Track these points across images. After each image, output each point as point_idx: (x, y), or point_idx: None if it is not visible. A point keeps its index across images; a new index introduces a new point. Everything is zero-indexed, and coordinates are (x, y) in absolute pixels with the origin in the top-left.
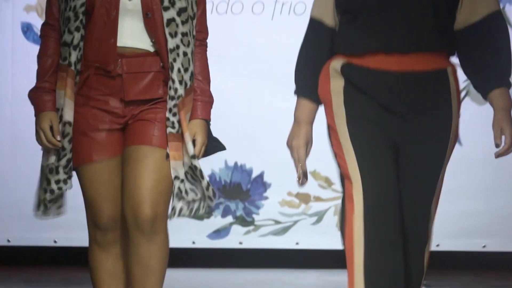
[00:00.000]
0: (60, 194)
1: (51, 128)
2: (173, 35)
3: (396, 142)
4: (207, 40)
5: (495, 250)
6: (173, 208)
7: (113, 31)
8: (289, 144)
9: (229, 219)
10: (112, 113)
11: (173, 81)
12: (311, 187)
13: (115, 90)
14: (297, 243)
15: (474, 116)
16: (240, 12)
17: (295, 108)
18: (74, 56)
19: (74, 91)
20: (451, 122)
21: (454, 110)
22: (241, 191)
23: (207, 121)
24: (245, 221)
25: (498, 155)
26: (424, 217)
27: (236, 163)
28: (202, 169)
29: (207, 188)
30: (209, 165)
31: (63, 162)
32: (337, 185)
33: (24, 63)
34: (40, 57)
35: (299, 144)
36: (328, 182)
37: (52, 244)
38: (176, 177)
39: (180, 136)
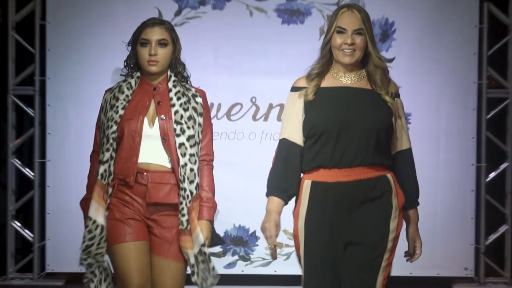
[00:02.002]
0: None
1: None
2: (183, 155)
3: (345, 231)
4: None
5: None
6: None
7: (136, 152)
8: (262, 227)
9: (236, 257)
10: (137, 210)
11: (183, 190)
12: (283, 238)
13: (140, 196)
14: (275, 271)
15: None
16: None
17: (267, 203)
18: (102, 169)
19: (102, 196)
20: (391, 211)
21: (394, 201)
22: (242, 241)
23: (211, 221)
24: (245, 258)
25: (411, 261)
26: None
27: (240, 225)
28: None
29: (213, 269)
30: (224, 226)
31: (83, 246)
32: None
33: None
34: (89, 176)
35: (270, 226)
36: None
37: None
38: (188, 261)
39: (187, 232)
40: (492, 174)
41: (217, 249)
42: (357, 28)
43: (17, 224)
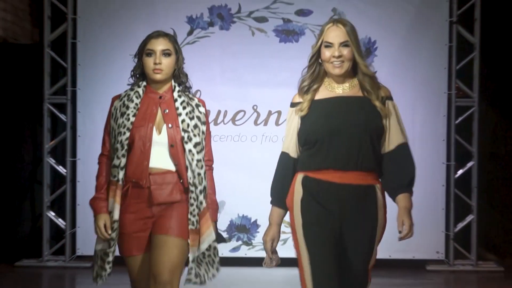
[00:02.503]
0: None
1: (105, 225)
2: (191, 160)
3: (338, 233)
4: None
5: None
6: (188, 280)
7: (147, 157)
8: (263, 239)
9: (240, 242)
10: (144, 218)
11: (193, 193)
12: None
13: (145, 199)
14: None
15: None
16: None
17: (270, 213)
18: (121, 174)
19: (120, 198)
20: (376, 221)
21: (380, 213)
22: (245, 228)
23: (215, 221)
24: (247, 243)
25: (400, 239)
26: (363, 278)
27: (243, 215)
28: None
29: (218, 262)
30: (230, 216)
31: (113, 248)
32: None
33: None
34: (98, 176)
35: (266, 240)
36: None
37: None
38: (193, 259)
39: (196, 231)
40: (460, 171)
41: (224, 235)
42: (343, 40)
43: (51, 214)
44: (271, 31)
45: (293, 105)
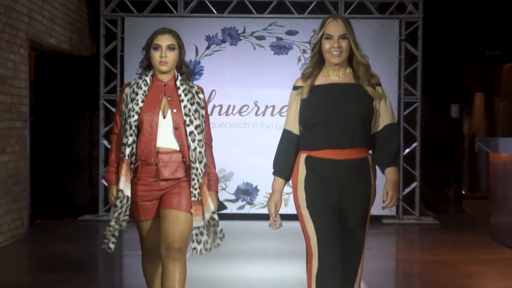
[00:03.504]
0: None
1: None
2: (193, 141)
3: (338, 202)
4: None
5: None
6: (194, 248)
7: (154, 138)
8: (267, 205)
9: (244, 202)
10: (152, 190)
11: (195, 169)
12: None
13: (153, 174)
14: None
15: None
16: None
17: (272, 181)
18: (128, 151)
19: (128, 173)
20: (371, 187)
21: (372, 180)
22: (248, 192)
23: (216, 192)
24: (250, 203)
25: (383, 208)
26: (360, 239)
27: (247, 182)
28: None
29: (220, 232)
30: (237, 183)
31: (116, 215)
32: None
33: None
34: (110, 153)
35: (270, 205)
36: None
37: None
38: (196, 227)
39: (199, 202)
40: (407, 150)
41: (232, 196)
42: (342, 33)
43: (104, 182)
44: (268, 46)
45: (295, 88)
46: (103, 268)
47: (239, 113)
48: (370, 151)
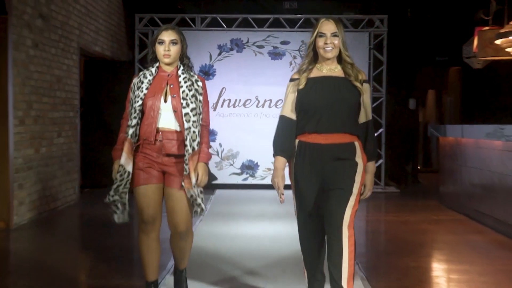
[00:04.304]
0: (124, 207)
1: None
2: (188, 121)
3: (323, 180)
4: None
5: None
6: (195, 212)
7: (155, 121)
8: (272, 180)
9: (247, 175)
10: (152, 160)
11: (187, 146)
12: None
13: (158, 150)
14: (268, 182)
15: None
16: None
17: (274, 161)
18: (131, 131)
19: (130, 151)
20: (356, 170)
21: (359, 160)
22: (251, 167)
23: (206, 163)
24: (252, 176)
25: (360, 198)
26: (340, 217)
27: (250, 159)
28: (196, 193)
29: (198, 202)
30: (242, 160)
31: (115, 186)
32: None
33: None
34: (119, 133)
35: (278, 180)
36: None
37: None
38: (192, 196)
39: (188, 176)
40: (375, 134)
41: (238, 171)
42: (333, 32)
43: None
44: (266, 53)
45: (292, 80)
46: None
47: (243, 105)
48: (357, 137)
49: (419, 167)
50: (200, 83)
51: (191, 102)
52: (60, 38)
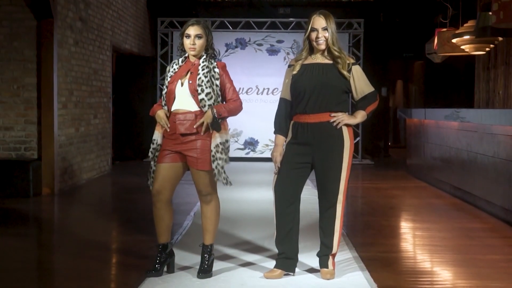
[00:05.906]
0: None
1: (166, 115)
2: (204, 106)
3: (311, 159)
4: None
5: None
6: (218, 179)
7: (171, 103)
8: (272, 155)
9: (250, 150)
10: (173, 143)
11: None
12: (267, 140)
13: (175, 130)
14: (267, 156)
15: None
16: None
17: (275, 138)
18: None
19: (161, 126)
20: (343, 147)
21: (346, 137)
22: (252, 143)
23: (217, 114)
24: (253, 150)
25: (334, 122)
26: (333, 193)
27: (252, 137)
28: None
29: (225, 179)
30: (244, 138)
31: (151, 156)
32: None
33: None
34: (154, 106)
35: (276, 155)
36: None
37: None
38: (214, 175)
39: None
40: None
41: (242, 146)
42: (323, 26)
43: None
44: (264, 50)
45: (289, 66)
46: None
47: (246, 92)
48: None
49: (389, 143)
50: (217, 69)
51: (206, 88)
52: (96, 37)
